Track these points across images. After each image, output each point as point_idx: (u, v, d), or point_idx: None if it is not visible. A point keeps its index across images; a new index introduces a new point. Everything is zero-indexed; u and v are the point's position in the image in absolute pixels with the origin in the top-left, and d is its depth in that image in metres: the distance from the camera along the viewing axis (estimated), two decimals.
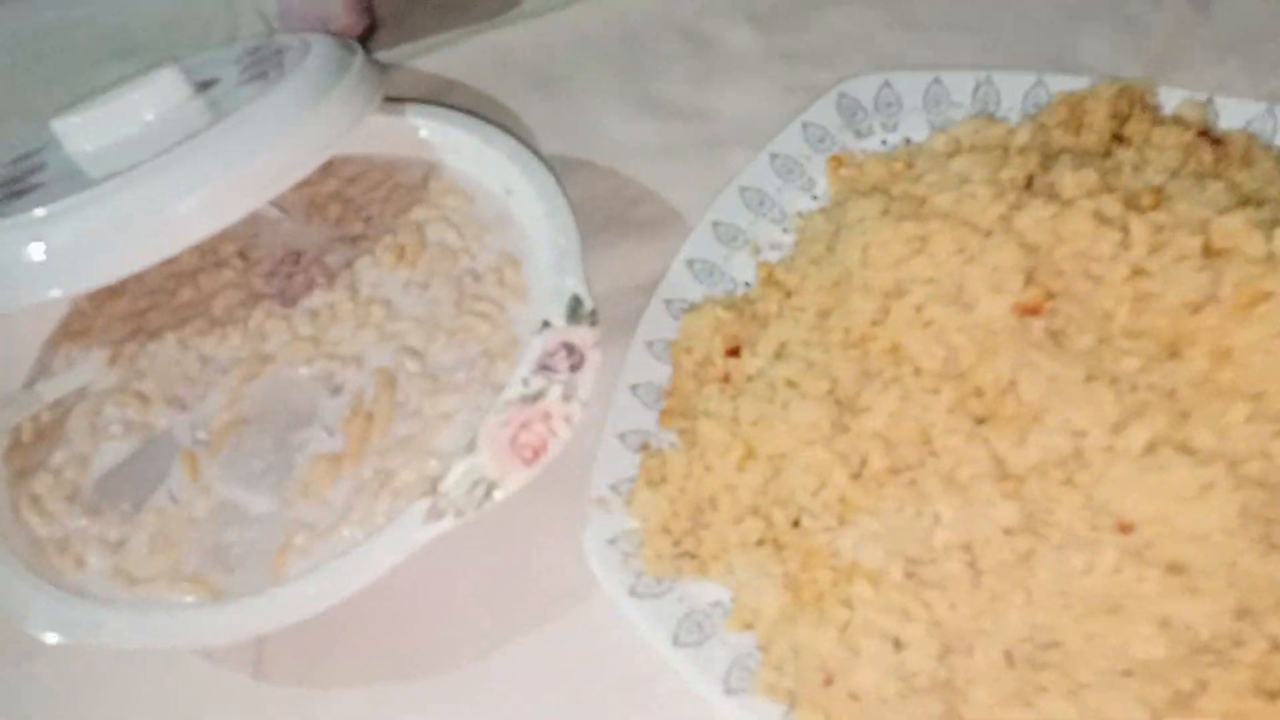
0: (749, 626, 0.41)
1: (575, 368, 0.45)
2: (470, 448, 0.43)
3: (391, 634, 0.46)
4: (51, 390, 0.52)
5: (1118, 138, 0.51)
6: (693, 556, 0.43)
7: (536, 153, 0.56)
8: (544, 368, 0.45)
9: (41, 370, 0.54)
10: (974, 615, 0.37)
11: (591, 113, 0.67)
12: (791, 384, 0.43)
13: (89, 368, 0.54)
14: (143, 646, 0.41)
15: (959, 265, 0.43)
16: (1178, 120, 0.50)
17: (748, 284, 0.53)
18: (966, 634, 0.37)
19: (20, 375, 0.54)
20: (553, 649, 0.44)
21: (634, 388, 0.49)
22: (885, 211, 0.46)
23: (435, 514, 0.42)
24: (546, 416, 0.44)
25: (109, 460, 0.50)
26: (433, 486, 0.43)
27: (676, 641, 0.41)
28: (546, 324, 0.47)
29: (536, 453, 0.43)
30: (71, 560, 0.46)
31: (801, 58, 0.67)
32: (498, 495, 0.42)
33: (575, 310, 0.48)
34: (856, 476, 0.40)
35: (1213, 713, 0.35)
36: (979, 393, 0.40)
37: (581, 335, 0.46)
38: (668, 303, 0.52)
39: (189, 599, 0.44)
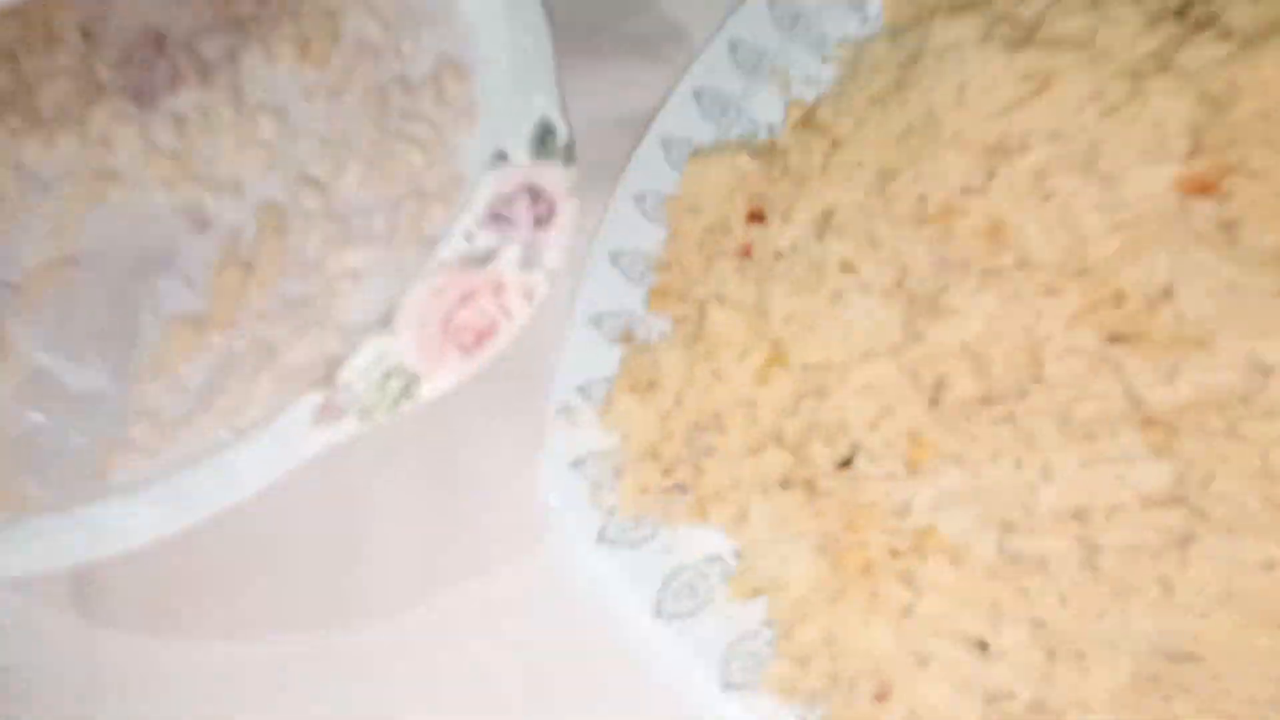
0: (757, 593, 0.30)
1: (541, 221, 0.32)
2: (386, 324, 0.31)
3: (268, 575, 0.34)
4: None
5: None
6: (686, 492, 0.32)
7: None
8: (497, 218, 0.32)
9: None
10: (1091, 615, 0.26)
11: None
12: (846, 266, 0.31)
13: None
14: None
15: (1096, 118, 0.30)
16: None
17: (772, 128, 0.40)
18: (1079, 640, 0.26)
19: None
20: (490, 610, 0.32)
21: (615, 256, 0.37)
22: (988, 36, 0.33)
23: (331, 413, 0.30)
24: (498, 288, 0.31)
25: None
26: (330, 374, 0.30)
27: (659, 611, 0.30)
28: (502, 156, 0.34)
29: (480, 338, 0.30)
30: None
31: None
32: (422, 394, 0.30)
33: (544, 141, 0.34)
34: (934, 405, 0.29)
35: None
36: (1118, 300, 0.29)
37: (551, 176, 0.33)
38: (666, 144, 0.39)
39: None
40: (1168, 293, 0.28)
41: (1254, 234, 0.28)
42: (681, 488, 0.32)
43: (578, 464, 0.32)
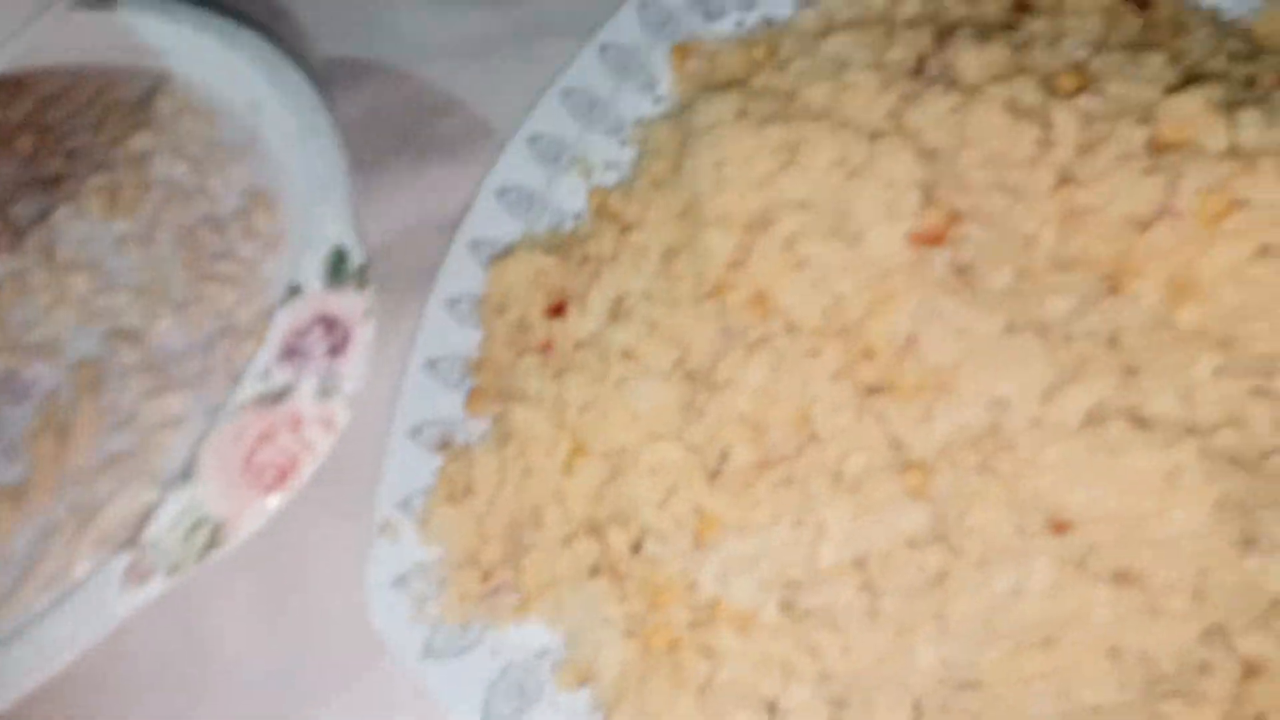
0: (586, 682, 0.31)
1: (336, 350, 0.33)
2: (187, 475, 0.31)
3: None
4: None
5: (1023, 4, 0.40)
6: (510, 592, 0.33)
7: (290, 54, 0.42)
8: (291, 353, 0.33)
9: None
10: (874, 659, 0.28)
11: (379, 2, 0.53)
12: (628, 353, 0.32)
13: None
14: None
15: (839, 182, 0.32)
16: None
17: (578, 216, 0.42)
18: (865, 684, 0.28)
19: None
20: None
21: (432, 363, 0.38)
22: (743, 113, 0.35)
23: (139, 574, 0.30)
24: (296, 423, 0.32)
25: None
26: (135, 534, 0.31)
27: (487, 713, 0.31)
28: (296, 289, 0.35)
29: (283, 475, 0.31)
30: None
31: None
32: (229, 540, 0.30)
33: (338, 267, 0.35)
34: (716, 477, 0.30)
35: None
36: (870, 354, 0.30)
37: (346, 304, 0.34)
38: (474, 245, 0.41)
39: None
40: (911, 342, 0.30)
41: (984, 276, 0.30)
42: (506, 587, 0.33)
43: (400, 581, 0.33)
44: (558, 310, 0.37)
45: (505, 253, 0.39)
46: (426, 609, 0.32)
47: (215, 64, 0.43)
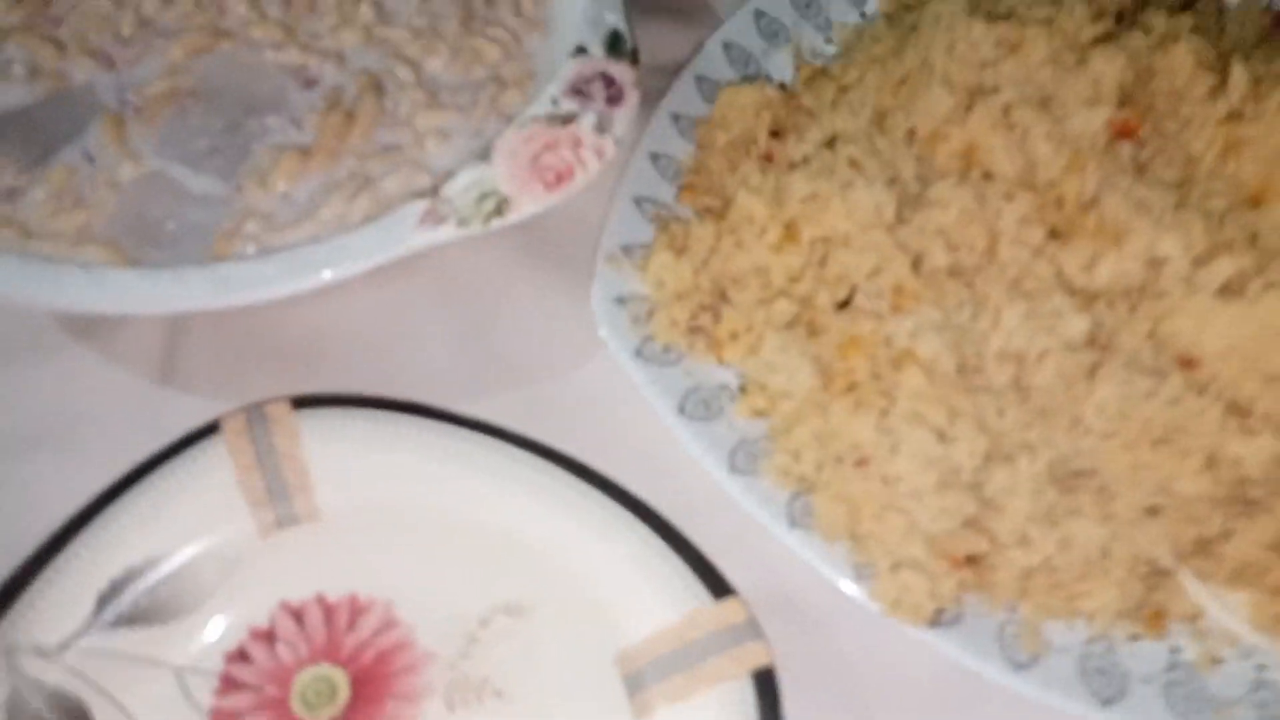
0: (760, 414, 0.37)
1: (612, 101, 0.39)
2: (484, 156, 0.37)
3: (347, 360, 0.40)
4: None
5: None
6: (704, 334, 0.39)
7: None
8: (578, 92, 0.39)
9: None
10: (1020, 427, 0.34)
11: None
12: (854, 164, 0.39)
13: None
14: (36, 299, 0.33)
15: (1052, 74, 0.39)
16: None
17: (784, 84, 0.48)
18: (1010, 444, 0.34)
19: None
20: (545, 407, 0.38)
21: (654, 156, 0.44)
22: (973, 11, 0.42)
23: (434, 218, 0.36)
24: (576, 143, 0.38)
25: (5, 103, 0.40)
26: (435, 188, 0.36)
27: (682, 411, 0.36)
28: (582, 50, 0.41)
29: (560, 179, 0.37)
30: None
31: None
32: (510, 214, 0.36)
33: (615, 45, 0.41)
34: (915, 268, 0.37)
35: (1232, 559, 0.34)
36: (1058, 205, 0.37)
37: (621, 69, 0.40)
38: (699, 80, 0.47)
39: (97, 261, 0.36)
40: (1095, 202, 0.37)
41: (1159, 169, 0.38)
42: (700, 330, 0.39)
43: (620, 300, 0.39)
44: (776, 134, 0.43)
45: (733, 84, 0.45)
46: (638, 326, 0.38)
47: None
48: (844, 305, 0.37)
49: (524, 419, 0.37)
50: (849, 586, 0.33)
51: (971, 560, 0.33)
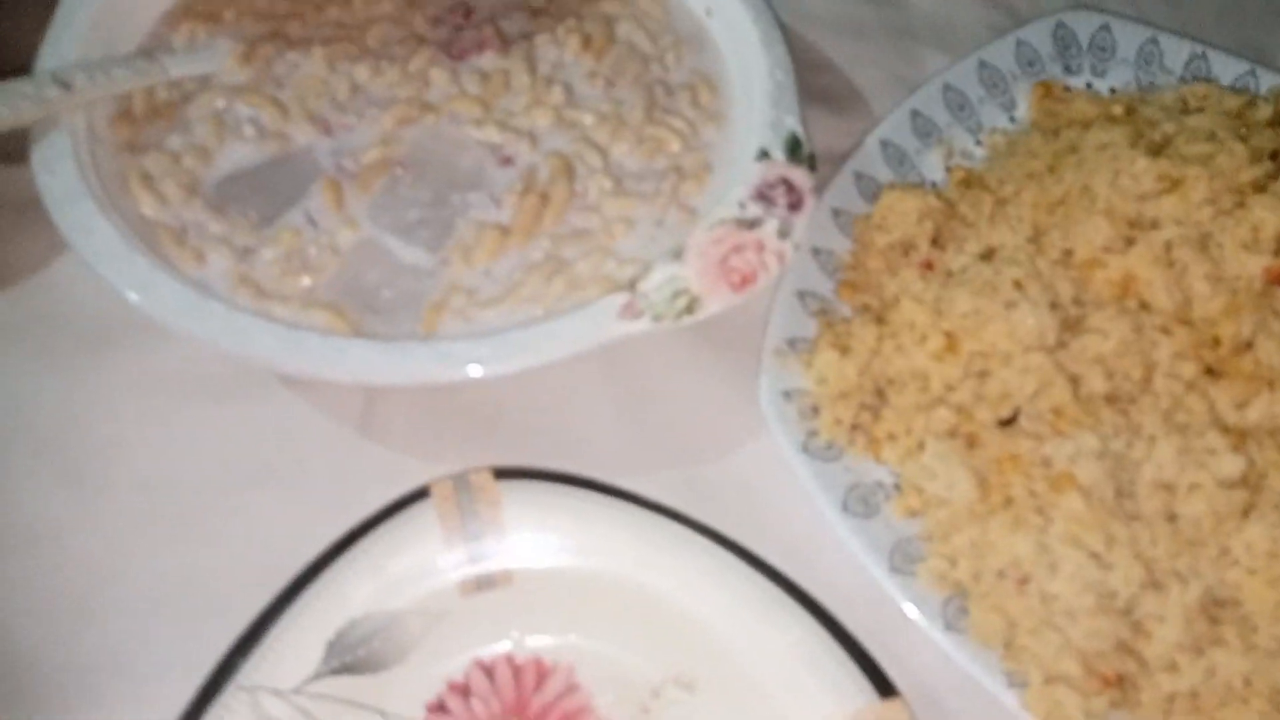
0: (914, 514, 0.40)
1: (793, 207, 0.42)
2: (676, 255, 0.40)
3: (521, 427, 0.43)
4: (174, 66, 0.46)
5: None
6: (864, 433, 0.42)
7: None
8: (762, 197, 0.42)
9: (157, 44, 0.47)
10: (1170, 555, 0.36)
11: None
12: (1018, 285, 0.41)
13: (215, 55, 0.47)
14: (281, 363, 0.37)
15: (1212, 215, 0.41)
16: None
17: (934, 184, 0.51)
18: (1160, 571, 0.36)
19: (131, 43, 0.47)
20: (704, 487, 0.41)
21: (815, 251, 0.47)
22: (1134, 143, 0.44)
23: (632, 311, 0.39)
24: (760, 247, 0.41)
25: (236, 161, 0.44)
26: (620, 285, 0.39)
27: (844, 508, 0.39)
28: (765, 154, 0.44)
29: (745, 280, 0.40)
30: (191, 254, 0.41)
31: None
32: (700, 312, 0.39)
33: (794, 149, 0.44)
34: (1074, 392, 0.39)
35: None
36: (1214, 343, 0.39)
37: (800, 175, 0.43)
38: (858, 176, 0.50)
39: (325, 326, 0.39)
40: (1250, 344, 0.39)
41: None
42: (859, 427, 0.42)
43: (786, 395, 0.42)
44: (935, 241, 0.46)
45: (896, 187, 0.48)
46: (803, 420, 0.41)
47: None
48: (1006, 423, 0.39)
49: (684, 497, 0.40)
50: (1003, 694, 0.35)
51: (1120, 680, 0.35)
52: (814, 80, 0.57)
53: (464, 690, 0.35)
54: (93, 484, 0.39)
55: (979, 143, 0.53)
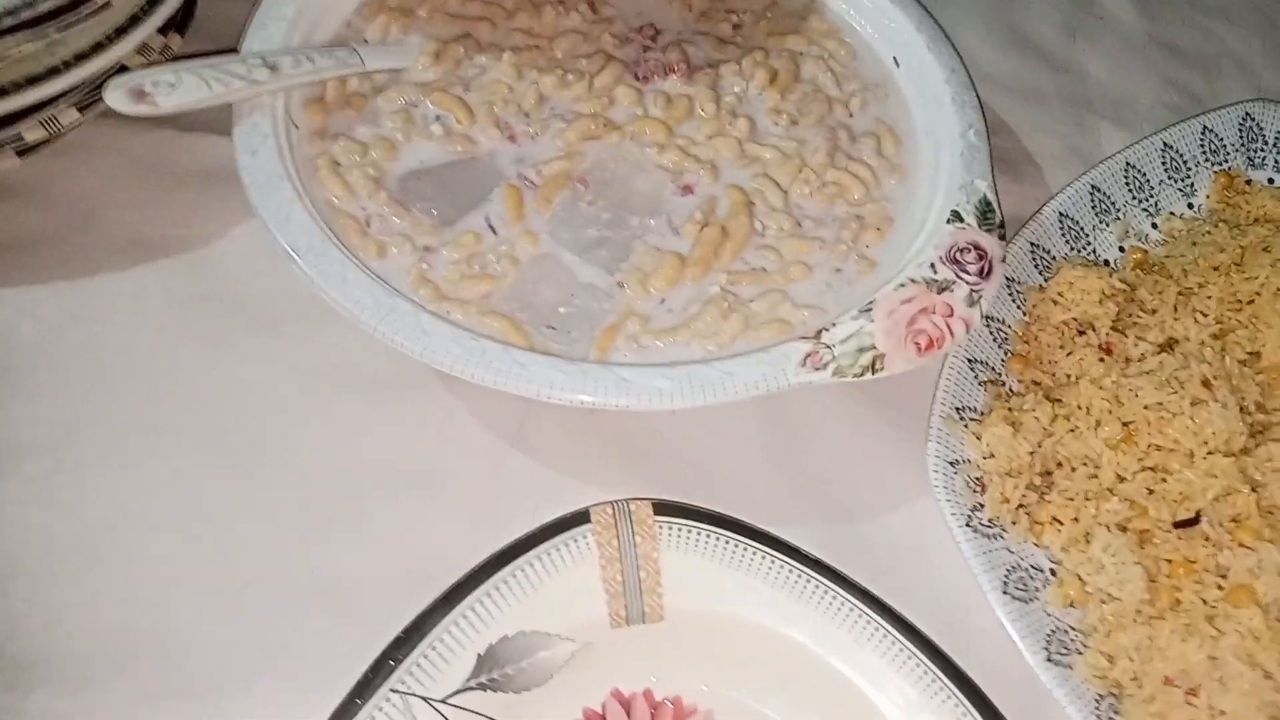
0: (1072, 604, 0.39)
1: (984, 275, 0.41)
2: (865, 312, 0.39)
3: (674, 459, 0.42)
4: (370, 58, 0.46)
5: None
6: (1026, 511, 0.40)
7: (945, 32, 0.51)
8: (954, 260, 0.41)
9: (351, 35, 0.48)
10: None
11: (954, 27, 0.61)
12: (1207, 384, 0.40)
13: (407, 51, 0.47)
14: (464, 369, 0.37)
15: None
16: None
17: (1106, 261, 0.50)
18: None
19: (328, 31, 0.48)
20: (856, 544, 0.40)
21: (988, 319, 0.46)
22: None
23: (815, 361, 0.38)
24: (949, 312, 0.40)
25: (421, 158, 0.44)
26: (794, 329, 0.39)
27: (1005, 590, 0.38)
28: (957, 216, 0.43)
29: (931, 344, 0.39)
30: (373, 247, 0.41)
31: (1183, 55, 0.63)
32: (882, 371, 0.38)
33: (985, 215, 0.43)
34: (1257, 503, 0.37)
35: None
36: None
37: (990, 242, 0.42)
38: (1033, 247, 0.48)
39: (501, 334, 0.39)
40: None
41: None
42: (1022, 507, 0.41)
43: (953, 464, 0.41)
44: (1114, 325, 0.45)
45: (1078, 264, 0.47)
46: (970, 492, 0.40)
47: (872, 11, 0.52)
48: (1182, 524, 0.38)
49: (834, 551, 0.39)
50: None
51: None
52: (993, 143, 0.56)
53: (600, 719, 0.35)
54: (258, 473, 0.39)
55: (1155, 225, 0.52)
